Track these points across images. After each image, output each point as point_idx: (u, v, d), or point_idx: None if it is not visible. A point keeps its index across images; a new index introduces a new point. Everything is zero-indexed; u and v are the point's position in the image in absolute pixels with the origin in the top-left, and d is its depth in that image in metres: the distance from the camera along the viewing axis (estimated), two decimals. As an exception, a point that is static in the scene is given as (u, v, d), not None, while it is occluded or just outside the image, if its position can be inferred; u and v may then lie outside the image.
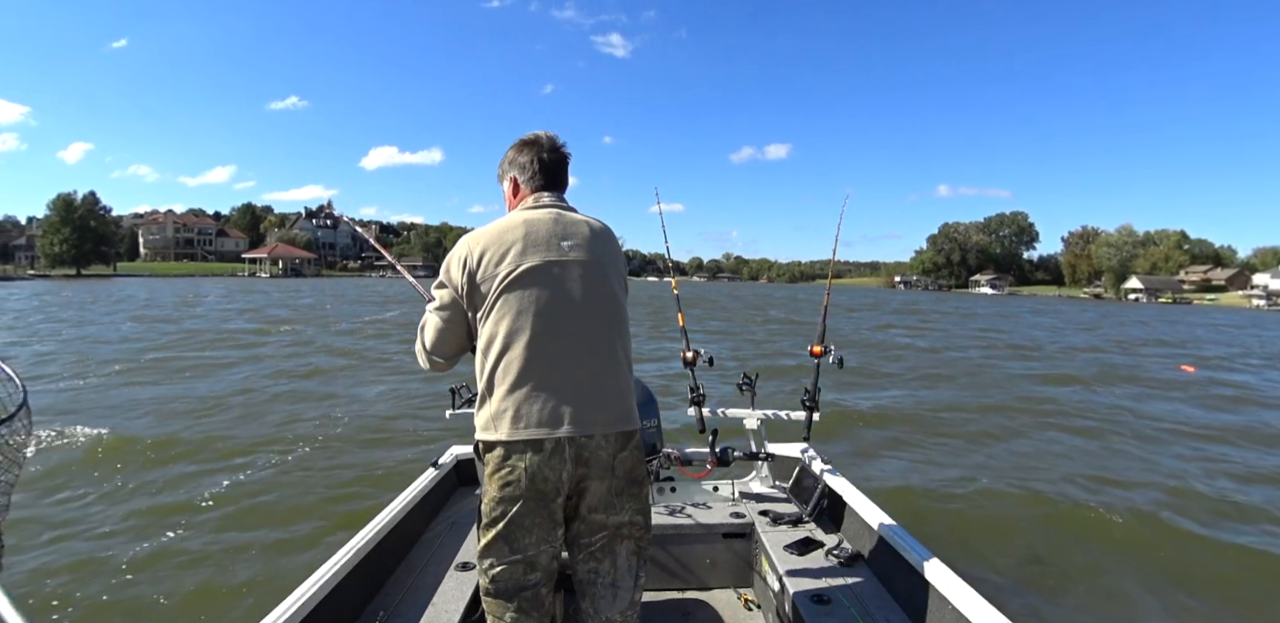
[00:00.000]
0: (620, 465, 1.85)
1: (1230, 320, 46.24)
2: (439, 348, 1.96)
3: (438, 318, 1.92)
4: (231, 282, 72.42)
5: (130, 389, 9.81)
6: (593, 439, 1.80)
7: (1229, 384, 13.78)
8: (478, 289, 1.82)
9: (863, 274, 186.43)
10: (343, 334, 18.64)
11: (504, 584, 1.82)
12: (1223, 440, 8.43)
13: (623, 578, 1.91)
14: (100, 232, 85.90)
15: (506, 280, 1.79)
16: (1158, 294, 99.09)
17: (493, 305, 1.80)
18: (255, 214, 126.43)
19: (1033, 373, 14.29)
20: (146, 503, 5.26)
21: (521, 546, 1.80)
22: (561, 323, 1.81)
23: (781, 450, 3.58)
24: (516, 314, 1.78)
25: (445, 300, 1.89)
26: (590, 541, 1.88)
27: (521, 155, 2.00)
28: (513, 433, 1.75)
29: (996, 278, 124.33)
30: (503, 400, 1.77)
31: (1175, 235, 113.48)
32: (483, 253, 1.83)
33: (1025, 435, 8.40)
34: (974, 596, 2.06)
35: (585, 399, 1.80)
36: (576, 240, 1.89)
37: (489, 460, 1.80)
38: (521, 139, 2.04)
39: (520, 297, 1.79)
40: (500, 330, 1.78)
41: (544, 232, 1.87)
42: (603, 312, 1.88)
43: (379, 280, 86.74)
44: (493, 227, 1.90)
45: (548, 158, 2.00)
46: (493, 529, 1.79)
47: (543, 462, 1.75)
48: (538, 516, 1.79)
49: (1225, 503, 5.89)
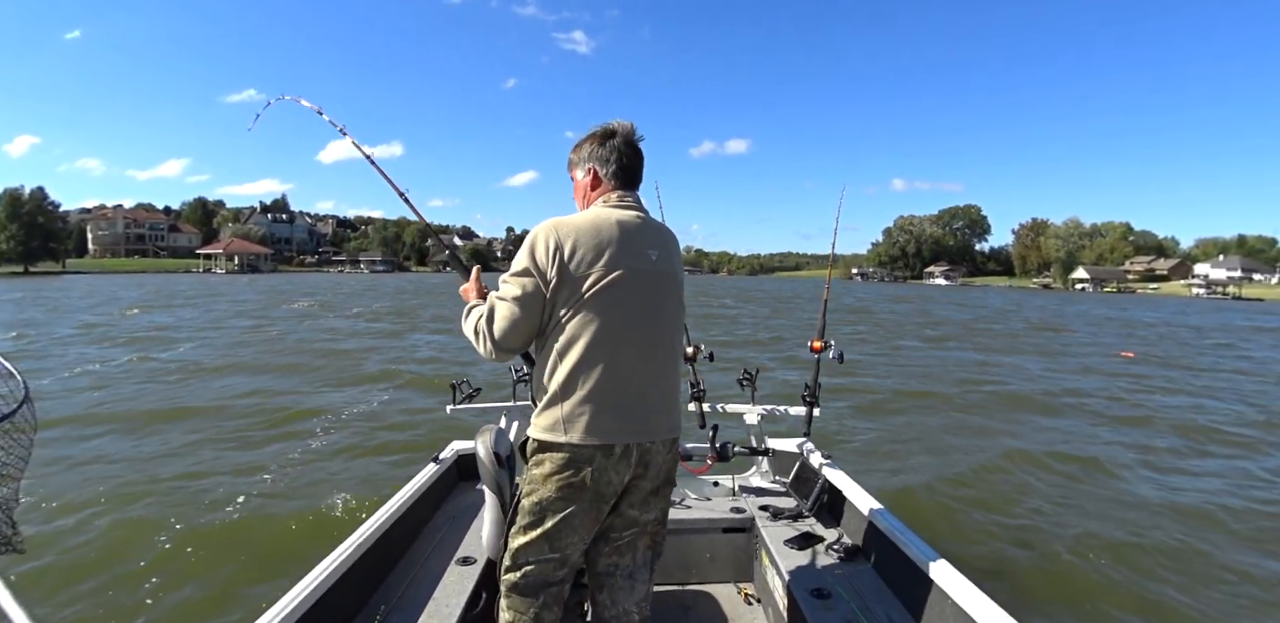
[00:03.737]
0: (666, 468, 1.92)
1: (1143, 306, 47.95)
2: (510, 338, 1.82)
3: (516, 307, 1.78)
4: (192, 279, 70.53)
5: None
6: (655, 444, 1.86)
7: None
8: (567, 285, 1.76)
9: (821, 267, 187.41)
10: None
11: (533, 581, 1.85)
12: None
13: (639, 571, 1.99)
14: (49, 228, 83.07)
15: (600, 284, 1.76)
16: (1103, 284, 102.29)
17: (581, 306, 1.76)
18: (208, 209, 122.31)
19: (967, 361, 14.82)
20: (141, 499, 5.23)
21: (562, 545, 1.83)
22: (640, 333, 1.82)
23: (781, 445, 3.61)
24: (605, 320, 1.77)
25: (528, 289, 1.78)
26: (620, 536, 1.94)
27: (603, 148, 1.94)
28: (585, 437, 1.75)
29: (950, 269, 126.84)
30: (579, 405, 1.76)
31: (1121, 228, 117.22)
32: (575, 247, 1.77)
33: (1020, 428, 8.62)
34: (973, 589, 2.07)
35: (651, 407, 1.85)
36: (661, 251, 1.89)
37: (548, 461, 1.79)
38: (603, 128, 1.97)
39: (610, 303, 1.77)
40: (585, 333, 1.76)
41: (637, 238, 1.85)
42: (672, 324, 1.93)
43: (340, 276, 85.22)
44: (584, 221, 1.83)
45: (630, 153, 1.95)
46: (537, 529, 1.81)
47: (610, 465, 1.79)
48: (588, 516, 1.83)
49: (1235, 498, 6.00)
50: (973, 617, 1.98)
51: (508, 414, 3.46)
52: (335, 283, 56.73)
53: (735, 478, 3.52)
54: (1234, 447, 8.03)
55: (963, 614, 2.03)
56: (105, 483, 5.55)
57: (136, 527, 4.73)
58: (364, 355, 13.81)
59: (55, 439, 6.78)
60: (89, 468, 6.00)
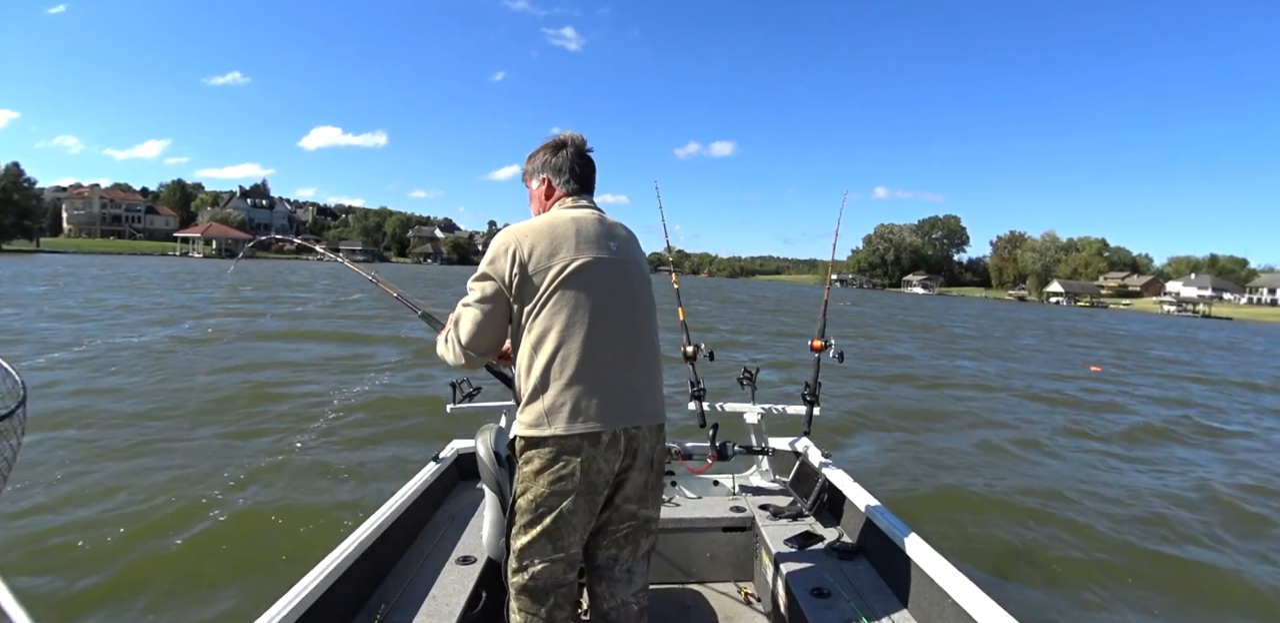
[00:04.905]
0: (656, 457, 1.94)
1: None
2: (478, 342, 1.88)
3: (479, 311, 1.85)
4: (172, 262, 69.44)
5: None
6: (640, 430, 1.87)
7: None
8: (529, 281, 1.80)
9: (801, 271, 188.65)
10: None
11: (544, 582, 1.85)
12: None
13: (638, 564, 2.02)
14: (24, 205, 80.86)
15: (561, 275, 1.80)
16: (1077, 298, 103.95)
17: (546, 300, 1.80)
18: (186, 191, 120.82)
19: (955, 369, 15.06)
20: (140, 497, 5.15)
21: (566, 544, 1.84)
22: (611, 319, 1.84)
23: (781, 445, 3.62)
24: (573, 310, 1.79)
25: (489, 292, 1.84)
26: (617, 528, 1.95)
27: (556, 158, 2.03)
28: (569, 428, 1.76)
29: (928, 278, 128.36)
30: (559, 395, 1.77)
31: (1096, 243, 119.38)
32: (533, 246, 1.82)
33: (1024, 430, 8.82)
34: (973, 588, 2.07)
35: (634, 392, 1.86)
36: (619, 242, 1.95)
37: (536, 457, 1.80)
38: (554, 140, 2.06)
39: (575, 292, 1.81)
40: (555, 325, 1.78)
41: (593, 231, 1.90)
42: (644, 309, 1.96)
43: (317, 264, 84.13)
44: (539, 222, 1.90)
45: (583, 163, 2.05)
46: (536, 527, 1.81)
47: (599, 454, 1.80)
48: (583, 510, 1.83)
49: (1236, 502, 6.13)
50: (973, 617, 1.98)
51: (508, 414, 3.45)
52: (334, 271, 55.72)
53: (735, 477, 3.53)
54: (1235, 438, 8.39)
55: (963, 614, 2.03)
56: (100, 481, 5.46)
57: (129, 523, 4.67)
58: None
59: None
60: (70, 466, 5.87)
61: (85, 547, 4.30)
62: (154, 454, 6.13)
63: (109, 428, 6.84)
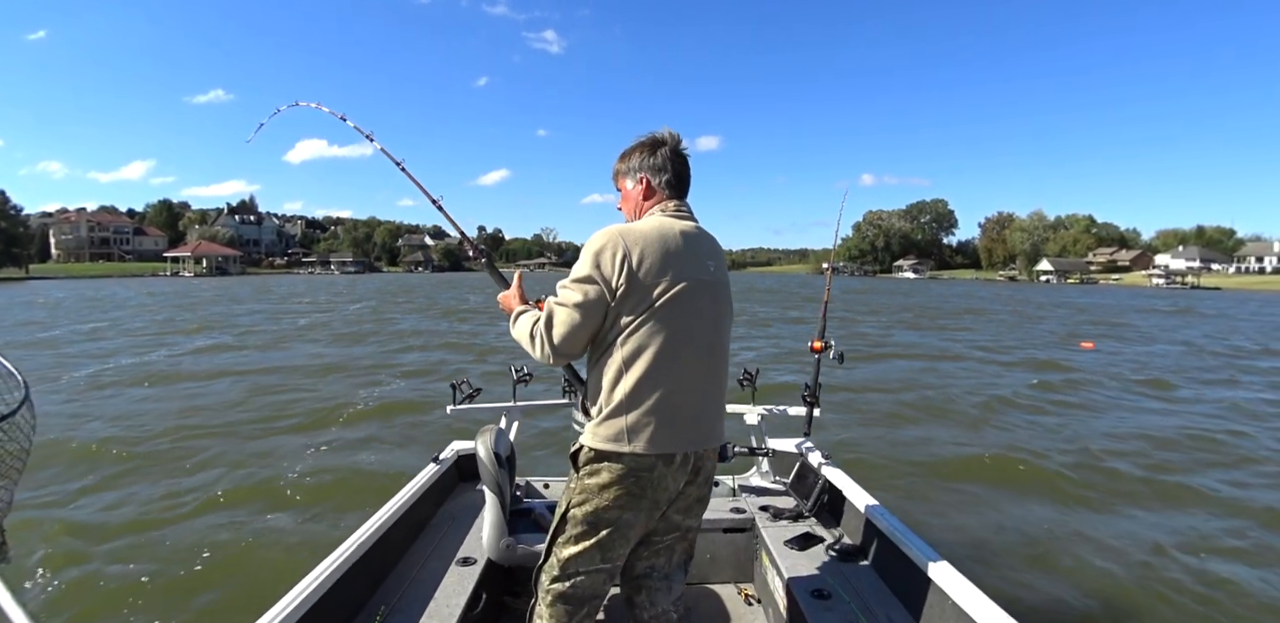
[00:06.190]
0: (711, 473, 1.97)
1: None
2: (570, 345, 1.80)
3: (577, 313, 1.76)
4: (165, 282, 69.04)
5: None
6: (706, 452, 1.89)
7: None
8: (635, 293, 1.75)
9: (792, 261, 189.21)
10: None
11: (583, 592, 1.85)
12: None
13: (676, 572, 2.02)
14: (11, 233, 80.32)
15: (668, 294, 1.76)
16: (1067, 275, 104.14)
17: (650, 316, 1.76)
18: (173, 211, 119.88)
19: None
20: (140, 500, 5.29)
21: (615, 555, 1.84)
22: (703, 346, 1.84)
23: (781, 446, 3.62)
24: (672, 332, 1.77)
25: (591, 297, 1.76)
26: (662, 539, 1.96)
27: (654, 157, 1.95)
28: (650, 447, 1.75)
29: (918, 263, 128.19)
30: (644, 415, 1.75)
31: (1084, 220, 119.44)
32: (643, 255, 1.76)
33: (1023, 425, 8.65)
34: (973, 589, 2.07)
35: (708, 415, 1.88)
36: (715, 262, 1.91)
37: (605, 471, 1.78)
38: (650, 138, 1.98)
39: (678, 314, 1.78)
40: (652, 345, 1.76)
41: (700, 248, 1.87)
42: (727, 334, 1.95)
43: (309, 277, 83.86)
44: (649, 229, 1.82)
45: (680, 162, 1.97)
46: (590, 539, 1.81)
47: (669, 473, 1.81)
48: (640, 524, 1.84)
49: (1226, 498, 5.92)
50: (972, 617, 1.99)
51: (508, 415, 3.49)
52: (330, 284, 55.30)
53: (735, 478, 3.57)
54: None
55: (963, 614, 2.03)
56: (98, 479, 5.62)
57: (129, 522, 4.77)
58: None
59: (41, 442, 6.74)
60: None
61: (85, 547, 4.39)
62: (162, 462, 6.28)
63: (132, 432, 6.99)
